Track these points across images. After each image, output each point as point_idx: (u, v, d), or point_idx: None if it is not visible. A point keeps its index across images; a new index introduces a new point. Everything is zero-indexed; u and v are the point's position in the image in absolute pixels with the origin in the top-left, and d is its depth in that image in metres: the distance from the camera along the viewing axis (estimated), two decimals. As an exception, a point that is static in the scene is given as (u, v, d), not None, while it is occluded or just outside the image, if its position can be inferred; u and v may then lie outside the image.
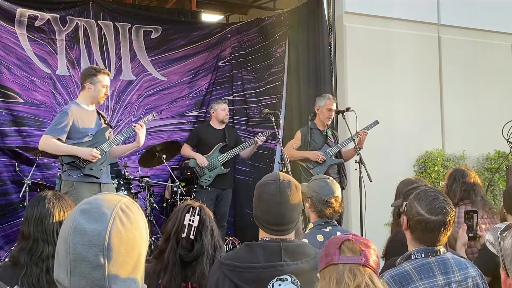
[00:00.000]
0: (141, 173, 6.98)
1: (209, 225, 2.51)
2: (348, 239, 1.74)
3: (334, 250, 1.72)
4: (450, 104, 7.64)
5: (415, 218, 2.30)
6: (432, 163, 7.09)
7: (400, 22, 7.33)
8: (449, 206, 2.34)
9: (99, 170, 4.66)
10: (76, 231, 1.31)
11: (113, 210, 1.34)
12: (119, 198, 1.40)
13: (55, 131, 4.55)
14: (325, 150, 5.76)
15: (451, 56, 7.71)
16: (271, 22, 7.59)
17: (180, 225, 2.48)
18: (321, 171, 5.62)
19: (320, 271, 1.75)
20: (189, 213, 2.49)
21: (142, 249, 1.40)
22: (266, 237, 2.22)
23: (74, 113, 4.60)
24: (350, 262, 1.69)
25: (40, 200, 2.56)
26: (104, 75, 4.71)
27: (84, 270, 1.29)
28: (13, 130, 6.46)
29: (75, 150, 4.55)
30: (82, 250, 1.29)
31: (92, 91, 4.67)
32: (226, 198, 6.51)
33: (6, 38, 6.42)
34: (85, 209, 1.35)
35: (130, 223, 1.35)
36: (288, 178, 2.25)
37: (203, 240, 2.46)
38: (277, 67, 7.49)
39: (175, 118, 7.65)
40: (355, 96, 6.74)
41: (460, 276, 2.30)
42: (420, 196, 2.36)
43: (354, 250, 1.71)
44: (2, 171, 6.38)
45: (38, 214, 2.51)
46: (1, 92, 6.37)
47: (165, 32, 7.54)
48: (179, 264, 2.46)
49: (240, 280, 2.10)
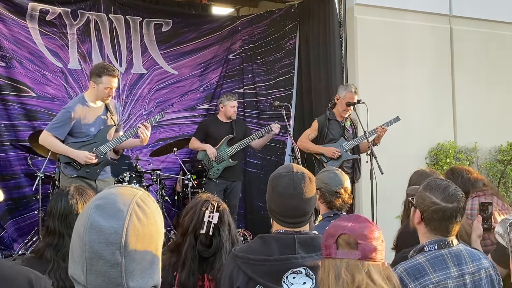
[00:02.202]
0: (153, 166, 7.00)
1: (226, 220, 2.52)
2: (343, 232, 1.68)
3: (331, 243, 1.69)
4: (462, 96, 7.58)
5: (431, 209, 2.28)
6: (444, 155, 7.06)
7: (411, 13, 7.28)
8: (461, 192, 2.35)
9: (95, 172, 4.69)
10: (92, 228, 1.29)
11: (129, 205, 1.32)
12: (134, 191, 1.37)
13: (55, 130, 4.59)
14: (341, 144, 5.63)
15: (463, 47, 7.65)
16: (281, 15, 7.56)
17: (199, 221, 2.49)
18: (335, 165, 5.41)
19: (320, 263, 1.73)
20: (208, 210, 2.49)
21: (159, 244, 1.39)
22: (280, 229, 2.21)
23: (78, 112, 4.62)
24: (347, 257, 1.66)
25: (63, 195, 2.59)
26: (108, 77, 4.64)
27: (101, 268, 1.28)
28: (25, 124, 6.50)
29: (71, 152, 4.58)
30: (98, 248, 1.27)
31: (95, 90, 4.68)
32: (235, 190, 6.50)
33: (18, 32, 6.45)
34: (100, 205, 1.32)
35: (146, 219, 1.33)
36: (302, 170, 2.24)
37: (222, 235, 2.48)
38: (287, 59, 7.46)
39: (186, 111, 7.66)
40: (366, 88, 6.70)
41: (473, 267, 2.29)
42: (432, 186, 2.35)
43: (351, 244, 1.67)
44: (15, 164, 6.44)
45: (62, 209, 2.54)
46: (14, 86, 6.41)
47: (175, 26, 7.53)
48: (198, 260, 2.47)
49: (254, 272, 2.10)
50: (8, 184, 6.38)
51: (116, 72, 4.76)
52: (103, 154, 4.71)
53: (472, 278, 2.28)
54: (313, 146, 5.67)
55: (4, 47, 6.32)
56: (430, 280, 2.17)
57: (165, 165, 7.31)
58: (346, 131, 5.73)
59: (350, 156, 5.68)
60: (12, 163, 6.42)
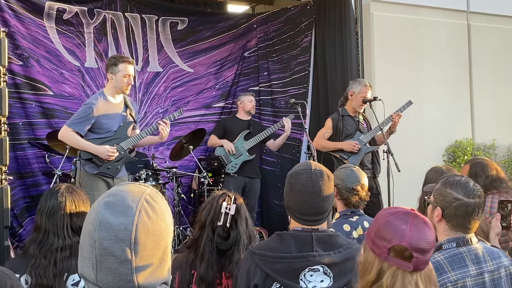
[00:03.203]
0: (169, 164, 7.02)
1: (244, 214, 2.53)
2: (400, 244, 1.53)
3: (384, 247, 1.56)
4: (480, 93, 7.51)
5: (453, 205, 2.26)
6: (461, 152, 6.99)
7: (428, 9, 7.22)
8: (480, 188, 2.33)
9: (116, 169, 4.64)
10: (102, 225, 1.29)
11: (138, 202, 1.32)
12: (143, 188, 1.38)
13: (76, 125, 4.52)
14: (358, 138, 5.55)
15: (481, 43, 7.58)
16: (297, 12, 7.54)
17: (217, 213, 2.49)
18: (356, 160, 5.43)
19: (364, 246, 1.64)
20: (226, 201, 2.50)
21: (168, 240, 1.39)
22: (298, 226, 2.20)
23: (99, 108, 4.57)
24: (397, 266, 1.55)
25: (53, 193, 2.59)
26: (125, 63, 4.59)
27: (111, 265, 1.28)
28: (43, 122, 6.55)
29: (92, 148, 4.52)
30: (108, 245, 1.27)
31: (114, 81, 4.61)
32: (254, 188, 6.52)
33: (35, 31, 6.51)
34: (110, 202, 1.32)
35: (155, 215, 1.34)
36: (320, 168, 2.23)
37: (239, 228, 2.48)
38: (303, 57, 7.44)
39: (202, 109, 7.67)
40: (383, 85, 6.67)
41: (492, 265, 2.27)
42: (451, 182, 2.33)
43: (406, 256, 1.54)
44: (32, 162, 6.49)
45: (50, 206, 2.54)
46: (31, 85, 6.46)
47: (191, 24, 7.55)
48: (216, 253, 2.47)
49: (271, 270, 2.10)
50: (26, 182, 6.44)
51: (131, 60, 4.74)
52: (124, 151, 4.67)
53: (492, 277, 2.25)
54: (330, 143, 5.61)
55: (21, 46, 6.38)
56: (448, 279, 2.15)
57: (181, 163, 7.31)
58: (361, 125, 5.66)
59: (370, 148, 5.60)
60: (30, 161, 6.47)
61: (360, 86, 5.59)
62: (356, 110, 5.66)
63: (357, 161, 5.44)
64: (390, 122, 5.51)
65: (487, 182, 3.58)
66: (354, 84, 5.69)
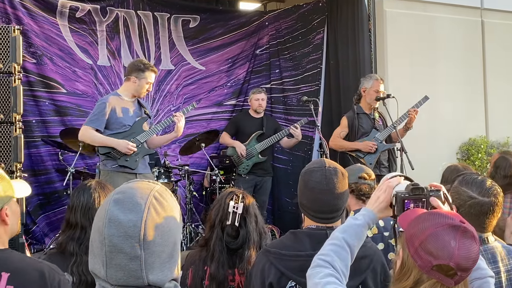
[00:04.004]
0: (181, 162, 7.04)
1: (253, 211, 2.52)
2: (448, 263, 1.46)
3: (427, 261, 1.48)
4: (494, 90, 7.45)
5: (467, 203, 2.24)
6: (475, 150, 6.94)
7: (442, 6, 7.17)
8: (497, 186, 2.30)
9: (134, 162, 4.70)
10: (111, 222, 1.30)
11: (147, 199, 1.33)
12: (151, 185, 1.39)
13: (93, 122, 4.63)
14: (374, 136, 5.50)
15: (495, 40, 7.51)
16: (309, 9, 7.51)
17: (225, 212, 2.50)
18: (373, 159, 5.40)
19: (403, 248, 1.57)
20: (233, 200, 2.50)
21: (178, 237, 1.40)
22: (312, 225, 2.19)
23: (112, 103, 4.67)
24: (438, 280, 1.49)
25: (86, 189, 2.61)
26: (151, 72, 4.76)
27: (120, 262, 1.29)
28: (56, 120, 6.60)
29: (111, 142, 4.62)
30: (118, 242, 1.29)
31: (136, 85, 4.73)
32: (265, 186, 6.50)
33: (48, 29, 6.55)
34: (119, 199, 1.33)
35: (164, 212, 1.35)
36: (334, 165, 2.21)
37: (248, 226, 2.48)
38: (315, 54, 7.41)
39: (213, 107, 7.68)
40: (396, 82, 6.63)
41: (509, 265, 2.24)
42: (467, 181, 2.31)
43: (450, 273, 1.48)
44: (46, 160, 6.53)
45: (84, 203, 2.55)
46: (45, 83, 6.50)
47: (203, 21, 7.56)
48: (226, 252, 2.47)
49: (286, 268, 2.09)
50: (39, 179, 6.48)
51: (156, 69, 4.91)
52: (141, 144, 4.75)
53: (508, 276, 2.23)
54: (347, 143, 5.56)
55: (35, 44, 6.41)
56: None
57: (193, 160, 7.34)
58: (377, 122, 5.61)
59: (387, 146, 5.55)
60: (43, 159, 6.51)
61: (371, 81, 5.57)
62: (371, 107, 5.61)
63: (374, 160, 5.41)
64: (406, 118, 5.47)
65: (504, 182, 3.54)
66: (365, 80, 5.67)
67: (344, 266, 1.74)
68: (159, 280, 1.33)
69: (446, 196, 1.79)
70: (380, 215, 1.86)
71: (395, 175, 1.94)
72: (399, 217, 1.73)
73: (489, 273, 1.79)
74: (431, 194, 1.75)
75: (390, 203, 1.83)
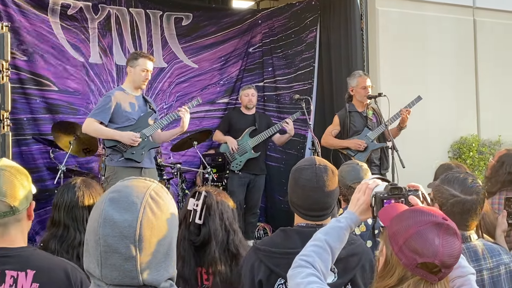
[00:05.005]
0: (173, 160, 7.02)
1: (217, 209, 2.47)
2: (433, 262, 1.48)
3: (412, 258, 1.50)
4: (486, 89, 7.48)
5: (450, 202, 2.24)
6: (467, 149, 6.97)
7: (434, 5, 7.20)
8: (479, 184, 2.30)
9: (140, 155, 4.73)
10: (106, 222, 1.29)
11: (143, 198, 1.32)
12: (148, 184, 1.37)
13: (98, 115, 4.66)
14: (365, 135, 5.51)
15: (487, 39, 7.54)
16: (302, 7, 7.50)
17: (186, 210, 2.48)
18: (363, 157, 5.38)
19: (386, 245, 1.58)
20: (194, 198, 2.48)
21: (173, 236, 1.39)
22: (302, 222, 2.19)
23: (118, 97, 4.71)
24: (421, 277, 1.51)
25: (70, 187, 2.57)
26: (145, 58, 4.78)
27: (115, 262, 1.28)
28: (47, 118, 6.55)
29: (115, 134, 4.65)
30: (113, 242, 1.28)
31: (132, 74, 4.77)
32: (258, 184, 6.50)
33: (40, 26, 6.50)
34: (114, 198, 1.32)
35: (160, 211, 1.33)
36: (325, 163, 2.22)
37: (210, 224, 2.44)
38: (308, 52, 7.41)
39: (206, 105, 7.65)
40: (388, 81, 6.65)
41: (492, 263, 2.25)
42: (449, 179, 2.31)
43: (434, 271, 1.50)
44: (37, 158, 6.49)
45: (68, 201, 2.52)
46: (36, 80, 6.46)
47: (196, 19, 7.53)
48: (192, 250, 2.45)
49: (275, 265, 2.09)
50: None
51: (152, 57, 4.92)
52: (146, 137, 4.77)
53: (491, 274, 2.24)
54: (337, 141, 5.59)
55: (26, 42, 6.37)
56: None
57: (185, 158, 7.32)
58: (370, 121, 5.60)
59: (378, 145, 5.55)
60: (34, 157, 6.47)
61: (355, 79, 5.58)
62: (363, 104, 5.61)
63: (364, 158, 5.41)
64: (399, 118, 5.48)
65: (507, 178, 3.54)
66: (350, 79, 5.68)
67: (325, 267, 1.75)
68: (155, 280, 1.32)
69: (424, 196, 1.82)
70: (362, 217, 1.87)
71: (374, 178, 1.95)
72: (379, 212, 1.75)
73: (470, 271, 1.81)
74: (409, 194, 1.77)
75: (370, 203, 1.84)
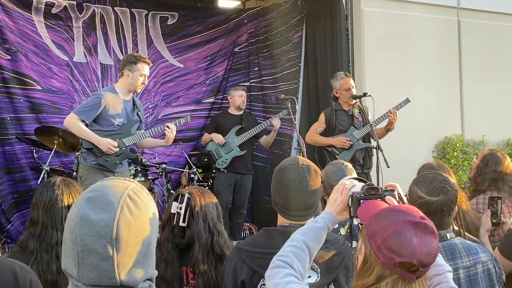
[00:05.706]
0: (158, 160, 7.00)
1: (200, 211, 2.47)
2: (411, 261, 1.48)
3: (390, 258, 1.50)
4: (470, 89, 7.53)
5: (416, 203, 2.25)
6: (451, 148, 7.01)
7: (419, 5, 7.23)
8: (449, 185, 2.30)
9: (113, 163, 4.66)
10: (83, 221, 1.28)
11: (121, 198, 1.31)
12: (126, 184, 1.37)
13: (83, 113, 4.58)
14: (351, 133, 5.51)
15: (471, 40, 7.59)
16: (288, 7, 7.50)
17: (170, 213, 2.47)
18: (347, 156, 5.39)
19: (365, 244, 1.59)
20: (177, 201, 2.47)
21: (152, 236, 1.38)
22: (285, 222, 2.19)
23: (108, 100, 4.62)
24: (400, 276, 1.51)
25: (49, 186, 2.53)
26: (144, 64, 4.71)
27: (92, 262, 1.27)
28: (31, 117, 6.49)
29: (94, 138, 4.57)
30: (89, 242, 1.27)
31: (130, 78, 4.69)
32: (245, 185, 6.48)
33: (23, 25, 6.44)
34: (91, 198, 1.31)
35: (138, 211, 1.33)
36: (308, 163, 2.22)
37: (193, 226, 2.44)
38: (294, 52, 7.41)
39: (192, 105, 7.64)
40: (373, 81, 6.67)
41: (468, 261, 2.26)
42: (419, 180, 2.34)
43: (412, 269, 1.51)
44: (20, 157, 6.44)
45: (47, 200, 2.49)
46: (19, 79, 6.39)
47: (181, 18, 7.51)
48: (176, 252, 2.45)
49: (258, 266, 2.08)
50: (14, 177, 6.39)
51: (149, 61, 4.86)
52: (125, 147, 4.71)
53: (467, 273, 2.24)
54: (322, 138, 5.59)
55: (9, 40, 6.31)
56: None
57: (171, 158, 7.30)
58: (356, 120, 5.60)
59: (362, 145, 5.56)
60: (18, 156, 6.42)
61: (338, 82, 5.59)
62: (349, 104, 5.61)
63: (348, 157, 5.41)
64: (386, 119, 5.49)
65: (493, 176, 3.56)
66: (333, 82, 5.68)
67: (302, 267, 1.75)
68: (133, 280, 1.31)
69: (400, 196, 1.83)
70: (340, 217, 1.88)
71: (350, 178, 1.96)
72: (358, 210, 1.76)
73: (447, 268, 1.82)
74: (385, 194, 1.78)
75: (347, 203, 1.85)
